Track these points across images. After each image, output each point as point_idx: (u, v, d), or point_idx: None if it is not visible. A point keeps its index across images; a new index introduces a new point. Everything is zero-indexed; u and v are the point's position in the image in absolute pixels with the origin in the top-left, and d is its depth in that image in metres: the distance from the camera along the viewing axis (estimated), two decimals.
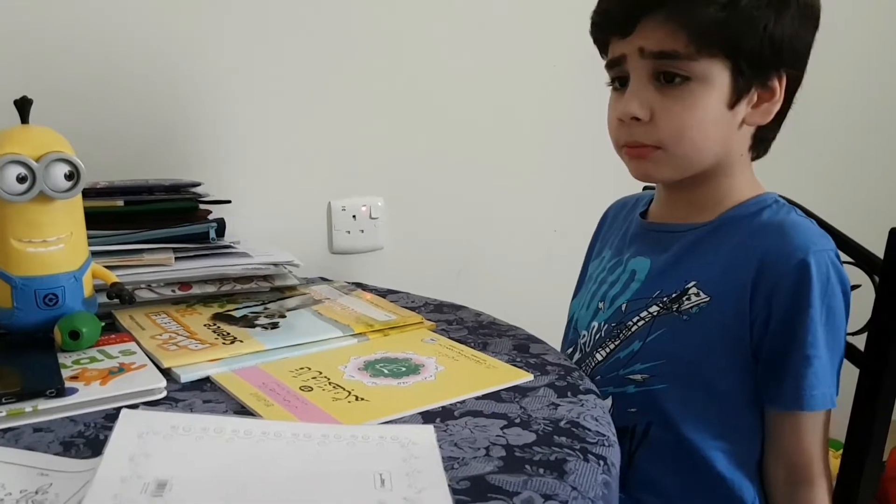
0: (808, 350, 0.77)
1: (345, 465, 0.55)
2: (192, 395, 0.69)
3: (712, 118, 0.80)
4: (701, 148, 0.81)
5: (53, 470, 0.55)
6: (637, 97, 0.81)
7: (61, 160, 0.76)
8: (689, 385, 0.82)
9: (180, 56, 1.20)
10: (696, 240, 0.86)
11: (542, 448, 0.60)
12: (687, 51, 0.77)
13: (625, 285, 0.90)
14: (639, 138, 0.82)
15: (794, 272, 0.77)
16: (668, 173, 0.85)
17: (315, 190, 1.33)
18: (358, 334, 0.85)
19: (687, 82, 0.79)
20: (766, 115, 0.83)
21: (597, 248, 1.04)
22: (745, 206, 0.85)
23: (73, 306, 0.78)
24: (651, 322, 0.85)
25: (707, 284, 0.82)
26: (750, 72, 0.79)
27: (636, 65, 0.81)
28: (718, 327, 0.81)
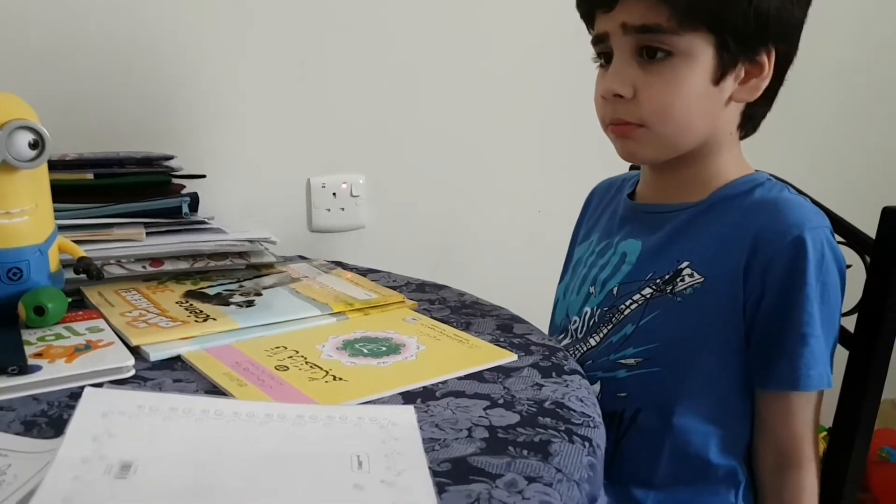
0: (803, 328, 0.75)
1: (320, 446, 0.53)
2: (161, 375, 0.66)
3: (696, 94, 0.78)
4: (685, 125, 0.80)
5: (13, 450, 0.52)
6: (619, 74, 0.79)
7: (25, 128, 0.72)
8: (683, 368, 0.80)
9: (156, 24, 1.16)
10: (687, 220, 0.84)
11: (525, 429, 0.58)
12: (669, 24, 0.75)
13: (615, 268, 0.88)
14: (622, 116, 0.80)
15: (789, 249, 0.75)
16: (654, 153, 0.83)
17: (294, 166, 1.30)
18: (337, 313, 0.82)
19: (670, 58, 0.77)
20: (755, 91, 0.80)
21: (583, 232, 1.02)
22: (736, 185, 0.83)
23: (38, 281, 0.75)
24: (644, 305, 0.83)
25: (701, 264, 0.80)
26: (736, 47, 0.77)
27: (619, 41, 0.79)
28: (713, 307, 0.79)
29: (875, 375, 0.81)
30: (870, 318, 0.81)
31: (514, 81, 1.46)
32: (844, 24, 1.77)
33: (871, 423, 0.82)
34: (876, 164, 1.88)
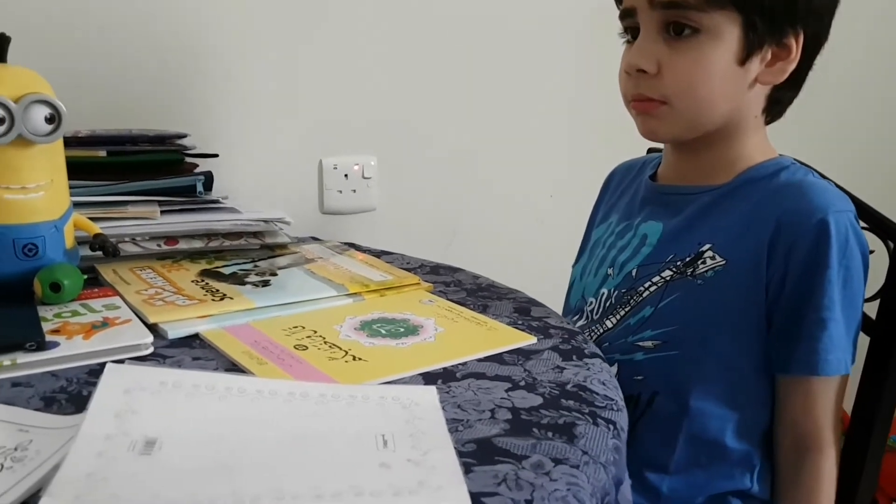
0: (823, 312, 0.75)
1: (344, 425, 0.52)
2: (180, 352, 0.66)
3: (721, 73, 0.77)
4: (708, 104, 0.79)
5: (34, 426, 0.52)
6: (645, 49, 0.78)
7: (42, 101, 0.71)
8: (701, 351, 0.80)
9: (172, 3, 1.14)
10: (711, 202, 0.83)
11: (549, 411, 0.57)
12: (697, 1, 0.75)
13: (635, 250, 0.87)
14: (645, 91, 0.80)
15: (812, 231, 0.75)
16: (675, 131, 0.82)
17: (306, 147, 1.28)
18: (353, 294, 0.82)
19: (696, 35, 0.76)
20: (781, 74, 0.80)
21: (601, 213, 1.01)
22: (761, 168, 0.82)
23: (53, 257, 0.74)
24: (664, 287, 0.82)
25: (723, 247, 0.80)
26: (763, 27, 0.76)
27: (646, 17, 0.78)
28: (734, 291, 0.78)
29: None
30: (893, 303, 0.80)
31: (529, 62, 1.44)
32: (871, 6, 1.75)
33: (891, 410, 0.81)
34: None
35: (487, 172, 1.45)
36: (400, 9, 1.31)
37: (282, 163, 1.27)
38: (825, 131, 1.73)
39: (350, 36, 1.27)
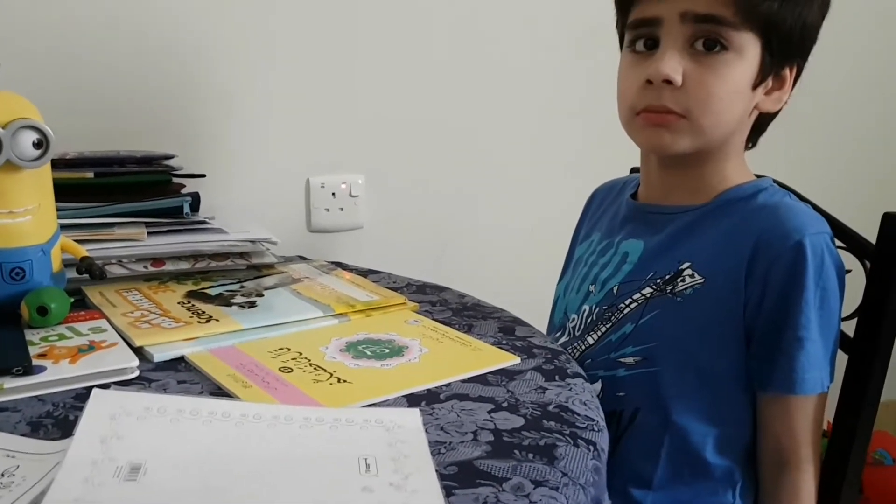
0: (800, 332, 0.76)
1: (328, 448, 0.53)
2: (165, 376, 0.66)
3: (738, 93, 0.79)
4: (723, 121, 0.80)
5: (20, 451, 0.52)
6: (672, 60, 0.77)
7: (29, 127, 0.72)
8: (682, 368, 0.81)
9: (154, 24, 1.15)
10: (691, 221, 0.84)
11: (530, 433, 0.58)
12: (733, 18, 0.76)
13: (616, 268, 0.89)
14: (667, 102, 0.79)
15: (789, 253, 0.76)
16: (685, 145, 0.81)
17: (293, 166, 1.29)
18: (339, 314, 0.82)
19: (724, 52, 0.77)
20: (777, 103, 0.82)
21: (584, 232, 1.02)
22: (740, 189, 0.84)
23: (40, 281, 0.75)
24: (644, 304, 0.83)
25: (702, 265, 0.81)
26: (779, 53, 0.79)
27: (673, 29, 0.78)
28: (713, 308, 0.80)
29: (874, 379, 0.81)
30: (869, 322, 0.82)
31: (515, 82, 1.46)
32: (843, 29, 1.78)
33: (870, 426, 0.83)
34: (876, 169, 1.89)
35: (474, 190, 1.46)
36: (388, 29, 1.32)
37: (269, 181, 1.27)
38: (805, 152, 1.75)
39: (338, 55, 1.29)
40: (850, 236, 0.85)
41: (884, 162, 1.91)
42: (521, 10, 1.42)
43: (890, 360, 0.83)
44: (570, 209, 1.08)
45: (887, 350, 0.81)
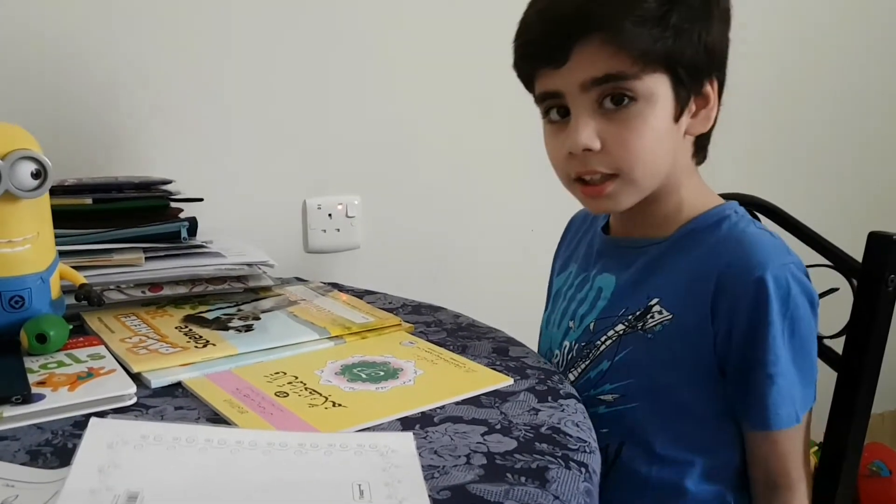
0: (769, 368, 0.76)
1: (322, 474, 0.54)
2: (163, 402, 0.67)
3: (660, 135, 0.78)
4: (655, 168, 0.80)
5: (19, 481, 0.53)
6: (586, 128, 0.77)
7: (28, 158, 0.73)
8: (660, 403, 0.81)
9: (152, 52, 1.17)
10: (658, 255, 0.84)
11: (523, 455, 0.59)
12: (633, 70, 0.75)
13: (592, 304, 0.88)
14: (594, 167, 0.79)
15: (751, 290, 0.75)
16: (628, 201, 0.81)
17: (290, 188, 1.31)
18: (335, 337, 0.83)
19: (634, 103, 0.76)
20: (706, 121, 0.82)
21: (561, 262, 1.02)
22: (703, 219, 0.83)
23: (39, 308, 0.76)
24: (618, 341, 0.83)
25: (669, 301, 0.81)
26: (689, 82, 0.78)
27: (577, 98, 0.78)
28: (682, 344, 0.79)
29: (863, 396, 0.82)
30: (857, 340, 0.83)
31: (511, 103, 1.46)
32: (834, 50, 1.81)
33: (860, 442, 0.83)
34: (863, 188, 1.91)
35: (470, 209, 1.47)
36: (383, 50, 1.34)
37: (266, 203, 1.29)
38: (793, 171, 1.77)
39: (333, 78, 1.30)
40: (837, 255, 0.86)
41: (871, 181, 1.93)
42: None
43: (879, 375, 0.84)
44: (562, 227, 1.09)
45: (875, 366, 0.82)
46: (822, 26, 1.77)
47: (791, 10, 1.73)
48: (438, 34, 1.38)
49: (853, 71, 1.85)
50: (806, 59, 1.76)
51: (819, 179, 1.84)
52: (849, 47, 1.84)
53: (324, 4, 1.27)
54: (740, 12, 0.84)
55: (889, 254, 0.81)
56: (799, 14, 1.73)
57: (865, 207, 1.86)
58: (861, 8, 1.84)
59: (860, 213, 1.67)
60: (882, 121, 1.93)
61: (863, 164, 1.92)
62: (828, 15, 1.78)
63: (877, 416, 1.90)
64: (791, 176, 1.75)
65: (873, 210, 1.86)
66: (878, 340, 0.82)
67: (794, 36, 1.73)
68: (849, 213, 1.70)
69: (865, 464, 1.68)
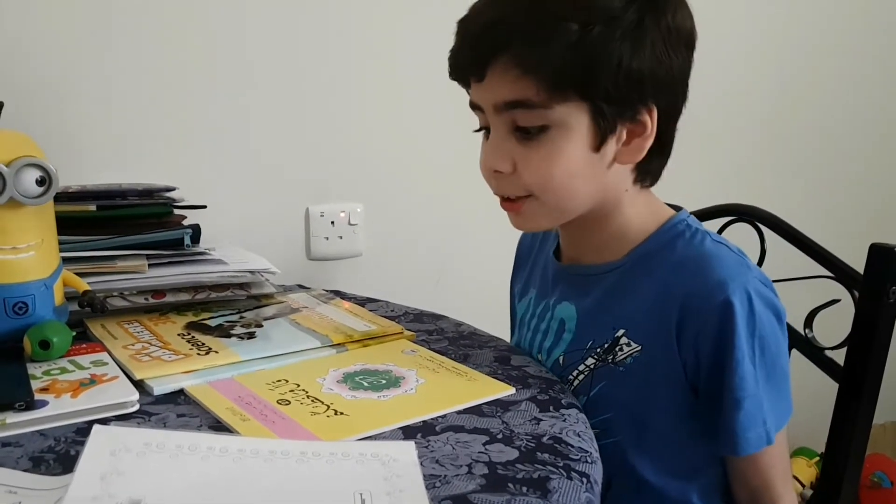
0: (736, 393, 0.73)
1: (324, 483, 0.54)
2: (165, 409, 0.67)
3: (576, 163, 0.74)
4: (570, 195, 0.76)
5: (22, 487, 0.53)
6: (498, 150, 0.76)
7: (33, 165, 0.74)
8: (641, 434, 0.79)
9: (156, 59, 1.17)
10: (615, 281, 0.81)
11: (524, 465, 0.59)
12: (539, 98, 0.71)
13: (557, 335, 0.85)
14: (505, 191, 0.78)
15: (716, 314, 0.73)
16: (545, 222, 0.80)
17: (293, 195, 1.31)
18: (337, 345, 0.83)
19: (546, 131, 0.73)
20: (638, 151, 0.76)
21: (520, 286, 0.98)
22: (655, 239, 0.80)
23: (43, 315, 0.76)
24: (590, 375, 0.81)
25: (636, 332, 0.78)
26: (611, 111, 0.72)
27: (494, 119, 0.76)
28: (655, 374, 0.77)
29: (864, 407, 0.82)
30: (858, 351, 0.83)
31: None
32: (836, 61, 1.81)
33: (861, 454, 0.83)
34: (866, 200, 1.91)
35: (472, 216, 1.47)
36: (387, 58, 1.34)
37: (269, 211, 1.29)
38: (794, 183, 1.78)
39: (337, 85, 1.31)
40: (839, 266, 0.86)
41: (873, 192, 1.94)
42: None
43: (881, 386, 0.84)
44: None
45: (876, 378, 0.83)
46: (824, 35, 1.78)
47: (792, 20, 1.73)
48: (443, 42, 1.38)
49: (855, 80, 1.86)
50: (807, 69, 1.76)
51: (821, 190, 1.84)
52: (850, 57, 1.84)
53: (328, 12, 1.28)
54: (741, 22, 0.84)
55: (890, 265, 0.81)
56: (800, 24, 1.74)
57: (867, 219, 1.86)
58: (863, 18, 1.85)
59: (862, 225, 1.68)
60: (884, 132, 1.93)
61: (865, 175, 1.92)
62: (829, 24, 1.78)
63: (878, 426, 1.90)
64: (793, 187, 1.75)
65: (875, 221, 1.86)
66: (880, 351, 0.82)
67: (794, 45, 1.74)
68: (850, 225, 1.70)
69: (867, 475, 1.68)
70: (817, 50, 1.77)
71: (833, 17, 1.79)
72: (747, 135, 1.64)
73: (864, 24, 1.85)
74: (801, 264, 0.93)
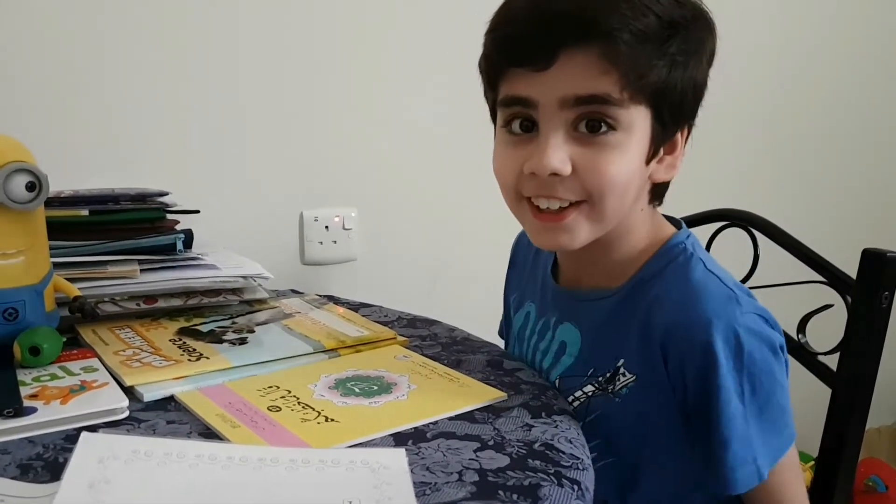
0: (722, 433, 0.70)
1: (313, 491, 0.53)
2: (155, 416, 0.67)
3: (633, 172, 0.71)
4: (624, 204, 0.73)
5: (9, 495, 0.53)
6: (558, 150, 0.69)
7: (23, 170, 0.73)
8: (636, 459, 0.78)
9: (148, 62, 1.17)
10: (614, 307, 0.79)
11: (515, 472, 0.59)
12: (619, 96, 0.67)
13: (556, 357, 0.84)
14: (557, 193, 0.71)
15: (698, 354, 0.70)
16: (585, 237, 0.74)
17: (287, 200, 1.31)
18: (329, 350, 0.83)
19: (612, 132, 0.69)
20: (671, 169, 0.76)
21: (517, 295, 0.96)
22: (651, 265, 0.78)
23: (33, 321, 0.76)
24: (587, 402, 0.79)
25: (631, 362, 0.76)
26: (670, 121, 0.72)
27: (553, 116, 0.69)
28: (648, 405, 0.76)
29: (857, 412, 0.82)
30: (851, 356, 0.83)
31: None
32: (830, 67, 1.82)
33: (854, 459, 0.83)
34: (859, 204, 1.92)
35: (467, 222, 1.47)
36: (380, 63, 1.34)
37: (263, 215, 1.29)
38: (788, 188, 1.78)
39: (330, 89, 1.31)
40: (831, 272, 0.86)
41: (866, 198, 1.94)
42: None
43: (873, 391, 0.84)
44: None
45: (869, 383, 0.82)
46: (822, 40, 1.78)
47: (787, 23, 1.74)
48: (437, 47, 1.39)
49: (849, 84, 1.86)
50: (801, 74, 1.76)
51: (813, 196, 1.84)
52: (845, 61, 1.85)
53: (321, 17, 1.28)
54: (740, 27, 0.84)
55: (883, 270, 0.81)
56: (795, 28, 1.74)
57: (860, 224, 1.86)
58: (860, 23, 1.85)
59: (854, 230, 1.67)
60: (878, 137, 1.93)
61: (858, 180, 1.93)
62: (824, 29, 1.79)
63: (873, 430, 1.89)
64: (785, 192, 1.75)
65: (867, 227, 1.86)
66: (872, 356, 0.82)
67: (789, 49, 1.74)
68: (843, 230, 1.70)
69: (862, 479, 1.68)
70: (815, 55, 1.78)
71: (833, 20, 1.80)
72: (741, 140, 1.64)
73: (862, 26, 1.85)
74: (793, 269, 0.92)
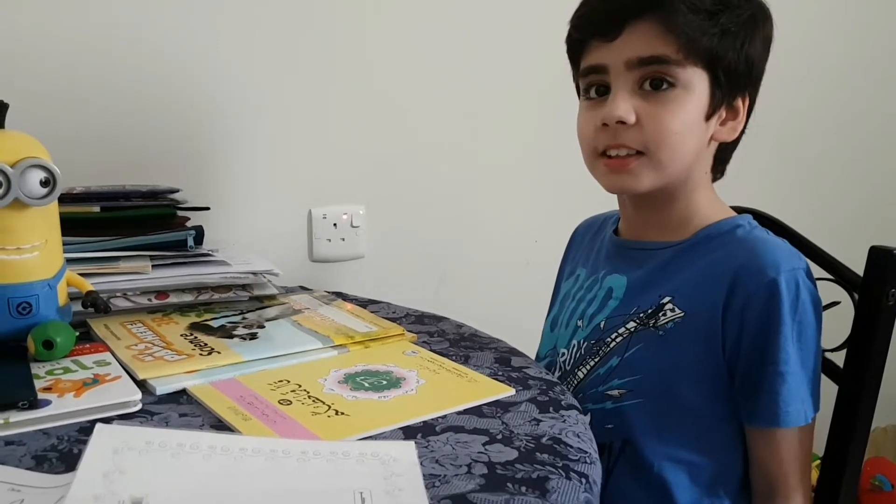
0: (781, 366, 0.78)
1: (324, 482, 0.54)
2: (167, 409, 0.68)
3: (691, 125, 0.82)
4: (680, 153, 0.82)
5: (25, 485, 0.54)
6: (624, 102, 0.81)
7: (37, 166, 0.74)
8: (664, 400, 0.82)
9: (160, 61, 1.18)
10: (671, 257, 0.87)
11: (523, 465, 0.59)
12: (676, 56, 0.79)
13: (602, 303, 0.91)
14: (624, 141, 0.82)
15: (764, 291, 0.78)
16: (648, 183, 0.84)
17: (295, 198, 1.32)
18: (338, 346, 0.84)
19: (672, 89, 0.80)
20: (733, 132, 0.86)
21: (569, 268, 1.05)
22: (718, 225, 0.86)
23: (46, 315, 0.76)
24: (629, 338, 0.85)
25: (682, 300, 0.83)
26: (727, 86, 0.82)
27: (621, 75, 0.82)
28: (693, 342, 0.81)
29: (864, 409, 0.82)
30: (858, 353, 0.83)
31: (515, 112, 1.48)
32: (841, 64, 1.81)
33: (860, 456, 0.83)
34: (866, 203, 1.92)
35: (474, 219, 1.48)
36: (389, 60, 1.35)
37: (272, 213, 1.30)
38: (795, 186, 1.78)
39: (339, 88, 1.31)
40: (839, 269, 0.87)
41: (873, 195, 1.94)
42: (522, 38, 1.44)
43: (880, 389, 0.84)
44: (564, 237, 1.10)
45: (876, 380, 0.83)
46: (830, 38, 1.78)
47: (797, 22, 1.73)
48: (445, 45, 1.39)
49: (857, 82, 1.86)
50: (809, 72, 1.76)
51: (821, 193, 1.84)
52: (855, 59, 1.84)
53: (329, 15, 1.29)
54: None
55: (890, 268, 0.82)
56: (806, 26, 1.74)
57: (867, 221, 1.86)
58: (871, 21, 1.85)
59: (862, 227, 1.67)
60: (886, 135, 1.93)
61: (865, 178, 1.93)
62: (834, 27, 1.79)
63: (880, 429, 1.89)
64: (793, 189, 1.76)
65: (875, 224, 1.86)
66: (879, 354, 0.82)
67: (797, 49, 1.74)
68: (851, 227, 1.70)
69: (868, 478, 1.68)
70: (822, 53, 1.78)
71: (843, 18, 1.80)
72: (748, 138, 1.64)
73: (875, 26, 1.86)
74: None
